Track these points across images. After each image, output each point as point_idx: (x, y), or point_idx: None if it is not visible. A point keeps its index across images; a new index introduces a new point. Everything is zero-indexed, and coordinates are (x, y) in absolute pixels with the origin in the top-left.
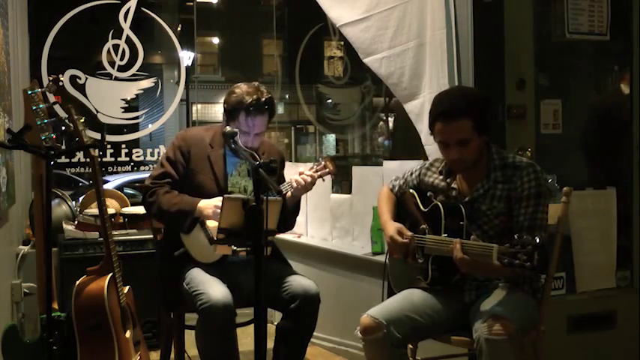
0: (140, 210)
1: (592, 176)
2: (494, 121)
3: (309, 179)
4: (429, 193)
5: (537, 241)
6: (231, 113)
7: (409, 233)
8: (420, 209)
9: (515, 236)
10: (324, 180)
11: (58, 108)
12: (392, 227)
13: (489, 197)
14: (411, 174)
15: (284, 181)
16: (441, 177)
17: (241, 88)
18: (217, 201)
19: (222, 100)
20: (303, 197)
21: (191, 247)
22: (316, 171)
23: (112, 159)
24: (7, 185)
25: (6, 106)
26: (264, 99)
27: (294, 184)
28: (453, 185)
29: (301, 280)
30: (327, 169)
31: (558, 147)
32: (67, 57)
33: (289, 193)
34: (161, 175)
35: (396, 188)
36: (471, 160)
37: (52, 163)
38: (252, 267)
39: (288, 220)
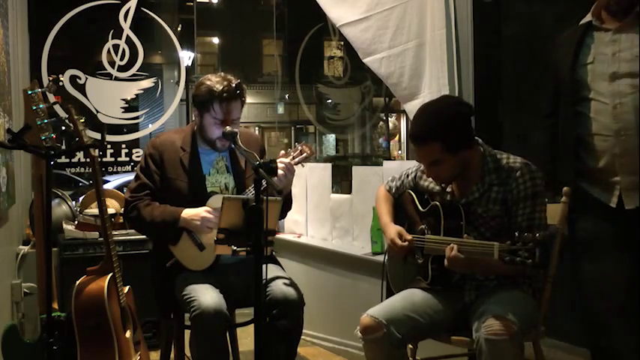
0: None
1: None
2: (471, 134)
3: (281, 172)
4: (425, 196)
5: (538, 238)
6: (203, 105)
7: (409, 236)
8: (418, 210)
9: (516, 233)
10: (303, 166)
11: (58, 108)
12: (393, 230)
13: (485, 200)
14: (407, 175)
15: None
16: None
17: (209, 79)
18: (202, 211)
19: None
20: (303, 197)
21: (181, 256)
22: (293, 158)
23: (112, 159)
24: (7, 185)
25: (6, 106)
26: (234, 85)
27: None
28: (448, 189)
29: (283, 285)
30: (305, 154)
31: None
32: (67, 57)
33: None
34: (139, 188)
35: (393, 190)
36: (448, 176)
37: (52, 163)
38: (245, 268)
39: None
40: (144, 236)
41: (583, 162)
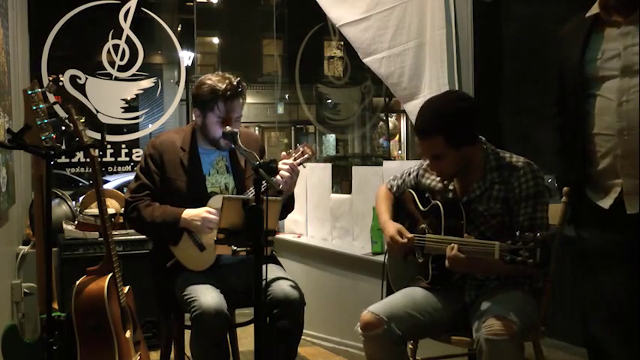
0: None
1: None
2: (475, 130)
3: (286, 174)
4: (427, 194)
5: (539, 237)
6: (206, 104)
7: (410, 235)
8: (419, 209)
9: (517, 233)
10: (304, 166)
11: (58, 108)
12: (392, 227)
13: (486, 198)
14: (409, 174)
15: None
16: (438, 179)
17: (209, 78)
18: (203, 211)
19: None
20: (303, 197)
21: (181, 257)
22: (295, 159)
23: (112, 159)
24: (7, 185)
25: (6, 106)
26: (235, 83)
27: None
28: (450, 187)
29: (284, 284)
30: (307, 155)
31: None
32: (67, 57)
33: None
34: (139, 188)
35: (394, 188)
36: (450, 171)
37: (52, 163)
38: (245, 268)
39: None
40: (144, 236)
41: (586, 164)
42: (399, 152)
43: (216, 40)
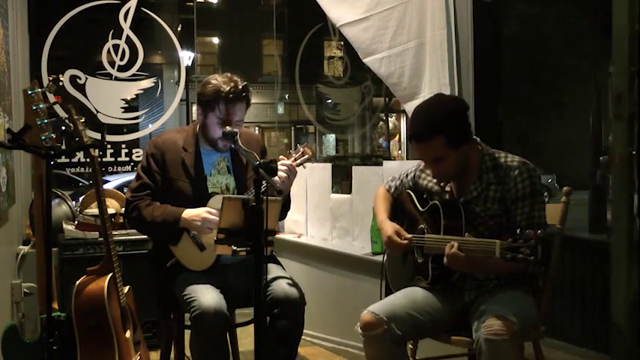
0: None
1: None
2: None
3: (284, 174)
4: (424, 195)
5: (540, 234)
6: (208, 104)
7: (408, 235)
8: (417, 209)
9: (518, 231)
10: (305, 167)
11: (58, 108)
12: (390, 228)
13: (483, 199)
14: (407, 175)
15: None
16: (435, 180)
17: (216, 78)
18: (203, 211)
19: None
20: (303, 197)
21: (181, 256)
22: (295, 160)
23: (112, 159)
24: (7, 185)
25: (6, 106)
26: (240, 87)
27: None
28: (447, 189)
29: (284, 284)
30: (307, 155)
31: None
32: (67, 57)
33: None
34: (140, 187)
35: (392, 189)
36: (452, 172)
37: (52, 163)
38: (245, 268)
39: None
40: (144, 236)
41: None
42: (399, 152)
43: (216, 40)
